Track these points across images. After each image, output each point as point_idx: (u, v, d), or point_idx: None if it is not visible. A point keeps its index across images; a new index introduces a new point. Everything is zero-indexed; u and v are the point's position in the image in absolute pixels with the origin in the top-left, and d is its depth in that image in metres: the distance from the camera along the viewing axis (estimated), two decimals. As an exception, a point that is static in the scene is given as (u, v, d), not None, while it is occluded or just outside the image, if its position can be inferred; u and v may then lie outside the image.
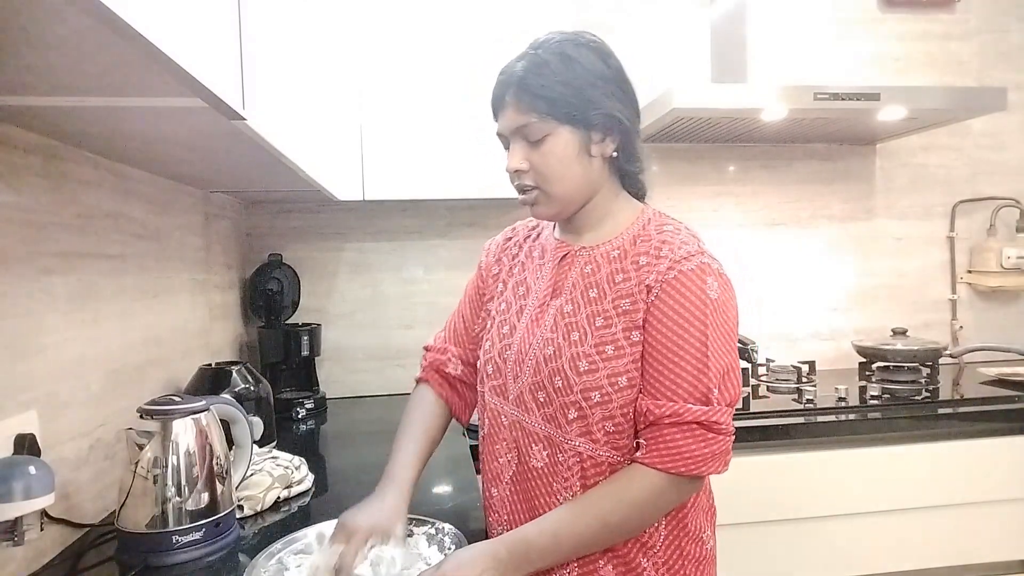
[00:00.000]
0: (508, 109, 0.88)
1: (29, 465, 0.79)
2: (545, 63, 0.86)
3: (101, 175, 1.10)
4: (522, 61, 0.88)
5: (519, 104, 0.87)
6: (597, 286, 0.89)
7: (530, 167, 0.89)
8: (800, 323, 2.20)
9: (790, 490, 1.54)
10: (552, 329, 0.90)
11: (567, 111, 0.86)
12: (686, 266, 0.84)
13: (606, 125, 0.88)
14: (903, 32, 2.19)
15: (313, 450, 1.55)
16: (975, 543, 1.60)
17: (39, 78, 0.67)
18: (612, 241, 0.92)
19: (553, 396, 0.88)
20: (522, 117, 0.87)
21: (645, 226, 0.92)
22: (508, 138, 0.91)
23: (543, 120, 0.86)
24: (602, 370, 0.85)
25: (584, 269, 0.92)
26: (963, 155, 2.25)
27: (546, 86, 0.85)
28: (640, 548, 0.87)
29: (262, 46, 0.84)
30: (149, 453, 0.92)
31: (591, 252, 0.92)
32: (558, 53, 0.86)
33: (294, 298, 1.95)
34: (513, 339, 0.94)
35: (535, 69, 0.86)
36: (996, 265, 2.18)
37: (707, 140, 2.06)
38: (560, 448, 0.88)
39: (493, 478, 0.96)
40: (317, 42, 1.31)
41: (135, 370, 1.22)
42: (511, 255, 1.04)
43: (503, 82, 0.89)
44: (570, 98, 0.85)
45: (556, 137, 0.87)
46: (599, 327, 0.87)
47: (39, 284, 0.93)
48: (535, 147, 0.88)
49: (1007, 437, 1.60)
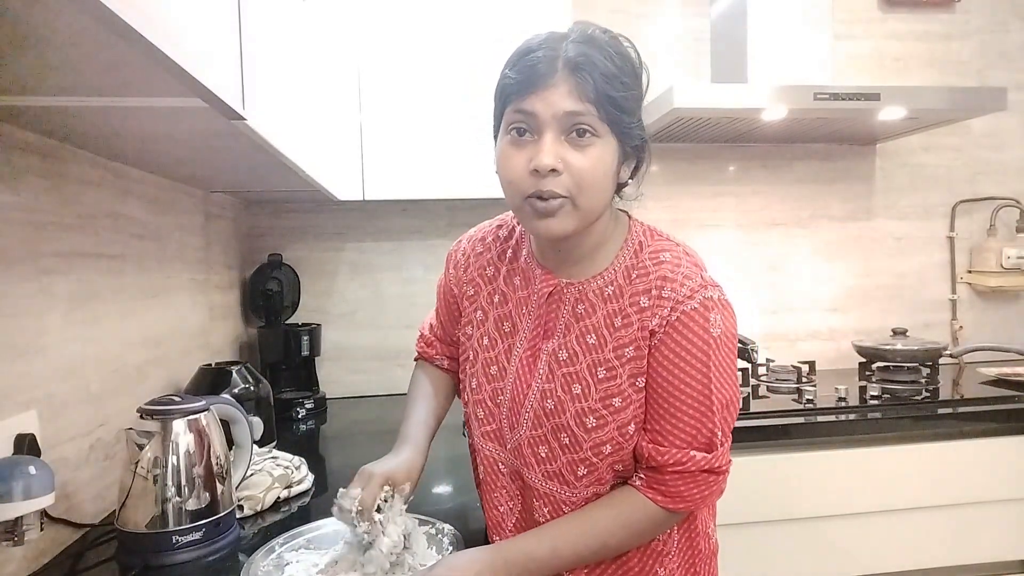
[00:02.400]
0: (559, 88, 0.72)
1: (29, 465, 0.78)
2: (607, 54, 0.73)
3: (101, 175, 1.10)
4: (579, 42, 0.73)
5: (579, 88, 0.72)
6: (595, 331, 0.81)
7: (563, 170, 0.74)
8: (800, 323, 2.20)
9: (790, 490, 1.54)
10: (548, 379, 0.83)
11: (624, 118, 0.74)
12: (689, 306, 0.77)
13: (639, 148, 0.79)
14: (903, 32, 2.19)
15: (313, 450, 1.55)
16: (975, 543, 1.60)
17: (39, 78, 0.67)
18: (604, 275, 0.82)
19: (559, 453, 0.83)
20: (578, 104, 0.72)
21: (637, 252, 0.82)
22: (541, 123, 0.74)
23: (599, 118, 0.73)
24: (611, 424, 0.81)
25: (576, 308, 0.83)
26: (963, 155, 2.25)
27: (612, 79, 0.72)
28: (656, 558, 0.87)
29: (262, 46, 0.84)
30: (149, 453, 0.92)
31: (581, 288, 0.83)
32: (614, 49, 0.75)
33: (294, 298, 1.95)
34: (504, 383, 0.88)
35: (601, 55, 0.72)
36: (996, 265, 2.18)
37: (707, 140, 2.06)
38: (566, 503, 0.84)
39: (495, 525, 0.92)
40: (317, 41, 1.31)
41: (135, 370, 1.22)
42: (487, 278, 0.93)
43: (549, 56, 0.73)
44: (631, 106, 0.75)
45: (605, 143, 0.75)
46: (602, 379, 0.80)
47: (39, 284, 0.93)
48: (577, 147, 0.74)
49: (1007, 437, 1.60)
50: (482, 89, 1.80)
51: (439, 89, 1.69)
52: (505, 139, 0.78)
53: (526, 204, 0.77)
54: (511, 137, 0.77)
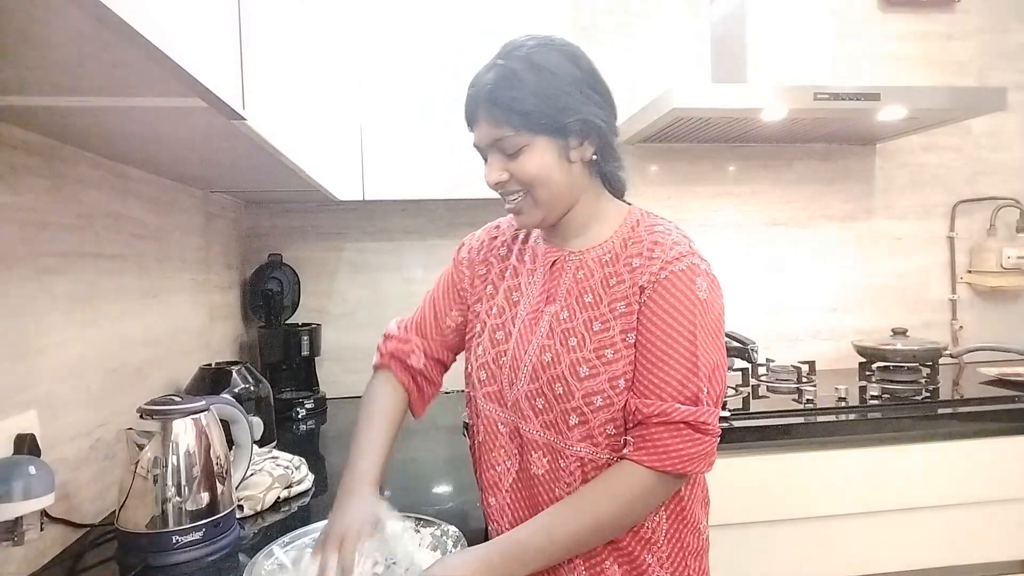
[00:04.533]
0: (482, 123, 0.88)
1: (29, 465, 0.79)
2: (514, 73, 0.84)
3: (101, 175, 1.10)
4: (491, 72, 0.86)
5: (492, 118, 0.86)
6: (592, 291, 0.89)
7: (510, 177, 0.88)
8: (800, 323, 2.20)
9: (790, 490, 1.54)
10: (548, 335, 0.89)
11: (541, 122, 0.84)
12: (677, 267, 0.85)
13: (583, 130, 0.87)
14: (903, 32, 2.19)
15: (313, 450, 1.55)
16: (975, 543, 1.60)
17: (39, 78, 0.67)
18: (603, 245, 0.91)
19: (553, 403, 0.87)
20: (496, 131, 0.86)
21: (635, 227, 0.91)
22: (484, 150, 0.90)
23: (518, 133, 0.85)
24: (603, 374, 0.85)
25: (576, 275, 0.91)
26: (963, 155, 2.25)
27: (517, 98, 0.84)
28: (644, 544, 0.88)
29: (262, 46, 0.84)
30: (149, 453, 0.92)
31: (582, 257, 0.92)
32: (526, 61, 0.85)
33: (294, 298, 1.95)
34: (508, 345, 0.93)
35: (504, 81, 0.84)
36: (996, 265, 2.18)
37: (707, 140, 2.06)
38: (561, 454, 0.88)
39: (491, 486, 0.95)
40: (317, 42, 1.31)
41: (135, 370, 1.22)
42: (500, 257, 1.02)
43: (474, 96, 0.88)
44: (543, 108, 0.84)
45: (533, 148, 0.86)
46: (597, 331, 0.86)
47: (39, 284, 0.93)
48: (512, 159, 0.87)
49: (1007, 437, 1.60)
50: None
51: (439, 89, 1.69)
52: None
53: (506, 205, 0.92)
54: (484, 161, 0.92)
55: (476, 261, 1.04)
